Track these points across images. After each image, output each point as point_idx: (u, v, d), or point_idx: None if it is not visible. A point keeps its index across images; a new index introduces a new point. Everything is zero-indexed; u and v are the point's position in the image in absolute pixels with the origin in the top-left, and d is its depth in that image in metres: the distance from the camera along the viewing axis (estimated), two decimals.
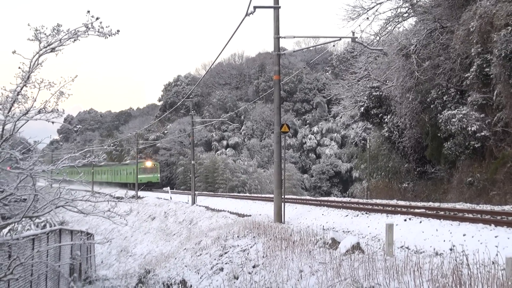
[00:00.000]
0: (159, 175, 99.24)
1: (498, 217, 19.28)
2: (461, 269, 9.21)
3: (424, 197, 38.53)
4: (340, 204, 31.17)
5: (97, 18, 15.85)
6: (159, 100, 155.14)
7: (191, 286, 16.10)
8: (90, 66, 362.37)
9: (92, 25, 15.91)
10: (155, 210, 55.65)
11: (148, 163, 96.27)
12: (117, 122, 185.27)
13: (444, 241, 16.29)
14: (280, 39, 27.26)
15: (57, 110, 16.44)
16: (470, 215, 20.60)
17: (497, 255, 11.01)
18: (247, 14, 27.03)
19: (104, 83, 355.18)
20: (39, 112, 16.30)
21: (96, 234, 44.41)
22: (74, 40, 16.41)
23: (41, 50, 15.86)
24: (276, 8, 26.79)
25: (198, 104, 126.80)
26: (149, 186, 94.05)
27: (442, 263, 10.28)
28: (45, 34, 15.84)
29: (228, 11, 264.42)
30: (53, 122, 16.66)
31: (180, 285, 16.48)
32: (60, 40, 16.12)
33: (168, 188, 74.18)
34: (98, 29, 16.00)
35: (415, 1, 44.07)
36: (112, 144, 79.03)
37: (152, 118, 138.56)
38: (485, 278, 8.91)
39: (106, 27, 16.10)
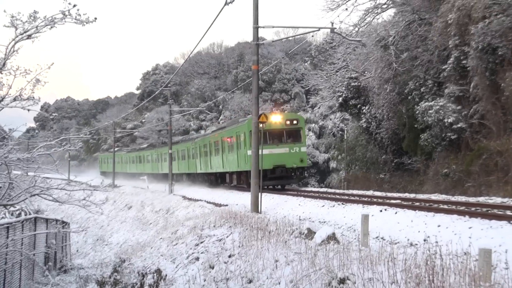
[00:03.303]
0: (305, 148, 41.66)
1: (473, 209, 19.46)
2: (434, 259, 9.29)
3: (400, 188, 38.75)
4: (317, 195, 31.28)
5: (74, 5, 15.79)
6: (137, 89, 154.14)
7: (166, 275, 16.09)
8: (67, 54, 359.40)
9: (69, 12, 15.84)
10: (131, 199, 55.52)
11: (277, 118, 39.58)
12: (94, 111, 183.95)
13: (419, 232, 16.41)
14: (259, 29, 27.23)
15: (33, 97, 16.40)
16: (445, 206, 20.78)
17: (470, 246, 11.09)
18: (226, 3, 26.98)
19: (81, 71, 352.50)
20: (14, 99, 16.21)
21: (72, 223, 44.17)
22: (51, 27, 16.30)
23: (17, 37, 15.75)
24: None
25: (177, 93, 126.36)
26: (283, 179, 39.44)
27: (416, 254, 10.35)
28: (22, 20, 15.74)
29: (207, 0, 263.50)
30: (28, 110, 16.57)
31: (155, 274, 16.45)
32: (36, 27, 16.01)
33: (145, 176, 73.40)
34: (75, 17, 15.93)
35: None
36: (89, 133, 78.03)
37: (130, 106, 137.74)
38: (457, 269, 8.99)
39: (84, 14, 16.04)
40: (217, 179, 51.25)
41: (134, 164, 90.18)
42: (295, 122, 39.49)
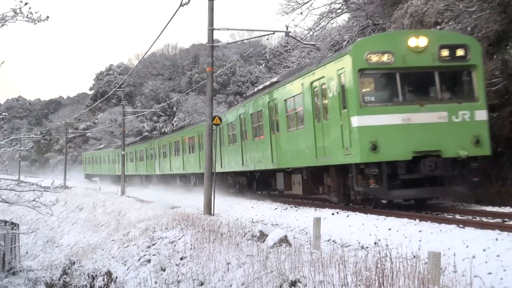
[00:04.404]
0: (485, 112, 18.55)
1: (423, 212, 19.69)
2: (384, 262, 9.38)
3: None
4: (271, 198, 31.27)
5: (26, 3, 15.50)
6: (90, 89, 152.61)
7: (117, 277, 15.94)
8: (18, 52, 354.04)
9: (20, 10, 15.56)
10: (83, 200, 54.86)
11: (420, 41, 18.20)
12: (46, 111, 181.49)
13: (370, 235, 16.53)
14: (214, 31, 27.23)
15: None
16: (396, 210, 20.98)
17: (419, 249, 11.24)
18: (181, 4, 26.89)
19: (33, 70, 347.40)
20: None
21: (22, 224, 43.43)
22: (2, 25, 16.01)
23: None
24: None
25: (130, 94, 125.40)
26: (435, 182, 19.08)
27: (367, 257, 10.44)
28: None
29: (162, 0, 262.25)
30: None
31: (105, 276, 16.29)
32: None
33: (97, 178, 72.60)
34: (27, 15, 15.66)
35: None
36: (40, 133, 76.41)
37: (83, 107, 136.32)
38: (407, 272, 9.10)
39: (35, 12, 15.76)
40: (251, 183, 30.56)
41: (133, 163, 67.38)
42: (460, 52, 18.85)
